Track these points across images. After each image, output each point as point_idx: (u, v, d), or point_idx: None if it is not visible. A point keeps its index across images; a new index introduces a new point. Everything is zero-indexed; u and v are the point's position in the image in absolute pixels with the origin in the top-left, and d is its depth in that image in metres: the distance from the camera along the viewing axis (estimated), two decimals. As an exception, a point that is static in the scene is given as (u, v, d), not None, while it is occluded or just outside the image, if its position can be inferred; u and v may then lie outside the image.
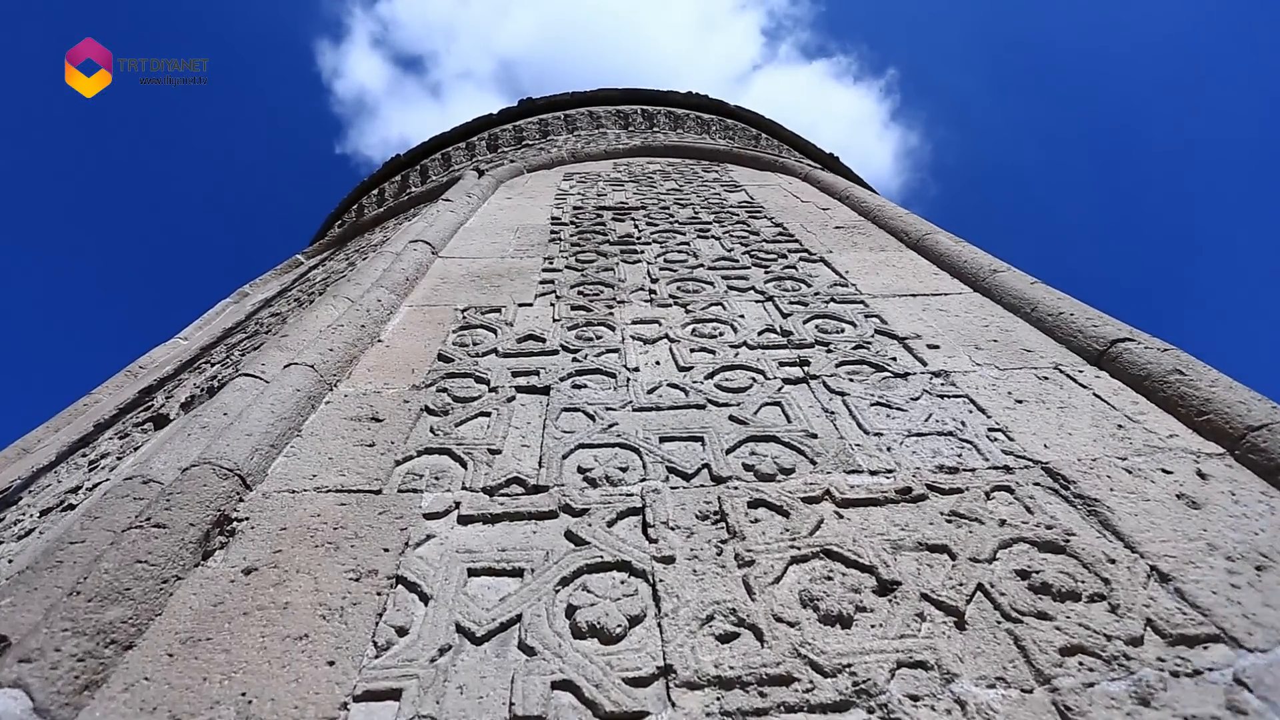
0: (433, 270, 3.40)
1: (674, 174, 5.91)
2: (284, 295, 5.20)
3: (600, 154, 6.60)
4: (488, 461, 1.85)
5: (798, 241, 3.87)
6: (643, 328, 2.72)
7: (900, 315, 2.81)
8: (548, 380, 2.28)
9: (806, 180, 5.51)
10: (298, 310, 3.98)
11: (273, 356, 2.28)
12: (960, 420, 2.05)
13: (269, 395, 2.00)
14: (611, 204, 4.77)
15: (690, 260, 3.55)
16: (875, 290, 3.09)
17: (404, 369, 2.40)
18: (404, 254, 3.37)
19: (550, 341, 2.58)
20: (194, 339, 5.40)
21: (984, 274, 3.06)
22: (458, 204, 4.48)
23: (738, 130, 8.59)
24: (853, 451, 1.89)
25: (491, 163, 7.08)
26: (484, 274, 3.37)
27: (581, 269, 3.42)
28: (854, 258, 3.55)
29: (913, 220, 3.93)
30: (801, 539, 1.55)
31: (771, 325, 2.71)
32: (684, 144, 6.85)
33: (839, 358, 2.43)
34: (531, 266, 3.47)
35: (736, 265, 3.46)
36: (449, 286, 3.19)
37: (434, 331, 2.71)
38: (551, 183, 5.57)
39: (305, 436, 1.97)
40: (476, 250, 3.74)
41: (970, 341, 2.56)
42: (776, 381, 2.28)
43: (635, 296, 3.06)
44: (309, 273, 5.81)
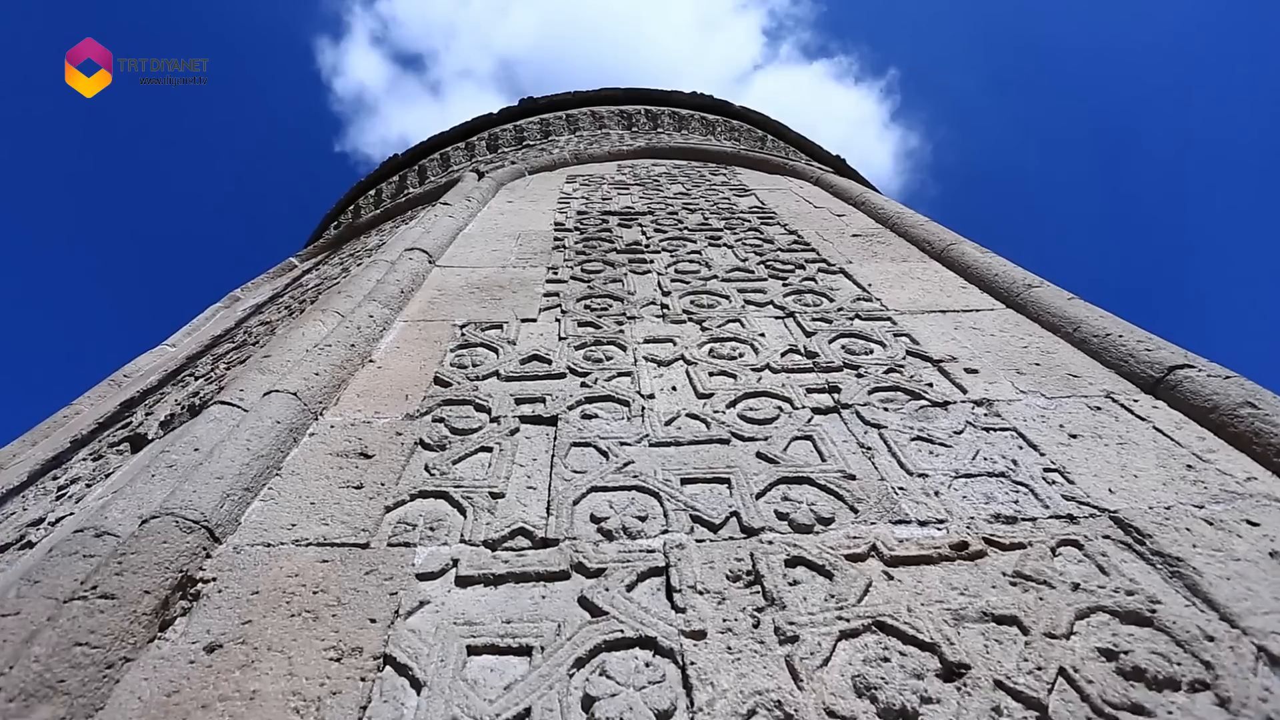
0: (429, 281, 3.19)
1: (680, 177, 5.70)
2: (275, 301, 4.99)
3: (604, 155, 6.39)
4: (489, 507, 1.65)
5: (814, 251, 3.67)
6: (656, 347, 2.52)
7: (932, 334, 2.61)
8: (555, 409, 2.08)
9: (818, 185, 5.31)
10: (287, 320, 3.77)
11: (252, 381, 2.08)
12: (1011, 459, 1.85)
13: (245, 429, 1.79)
14: (617, 209, 4.57)
15: (703, 271, 3.35)
16: (902, 306, 2.89)
17: (397, 394, 2.19)
18: (399, 263, 3.17)
19: (556, 363, 2.38)
20: (182, 346, 5.18)
21: (1018, 289, 2.86)
22: (456, 208, 4.27)
23: (743, 132, 8.38)
24: (897, 497, 1.69)
25: (491, 164, 6.87)
26: (484, 285, 3.16)
27: (588, 280, 3.21)
28: (875, 269, 3.34)
29: (935, 229, 3.73)
30: (850, 607, 1.34)
31: (795, 345, 2.51)
32: (690, 146, 6.65)
33: (871, 383, 2.23)
34: (535, 277, 3.26)
35: (752, 277, 3.26)
36: (447, 299, 2.98)
37: (430, 351, 2.50)
38: (554, 185, 5.37)
39: (285, 476, 1.76)
40: (476, 259, 3.53)
41: (1010, 365, 2.36)
42: (805, 411, 2.08)
43: (646, 311, 2.85)
44: (302, 277, 5.59)
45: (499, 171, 5.48)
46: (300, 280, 5.37)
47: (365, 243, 5.72)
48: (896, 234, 3.90)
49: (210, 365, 3.74)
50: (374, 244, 5.23)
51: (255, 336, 3.86)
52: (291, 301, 4.50)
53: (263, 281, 6.21)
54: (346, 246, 6.15)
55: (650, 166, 6.14)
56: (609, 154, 6.43)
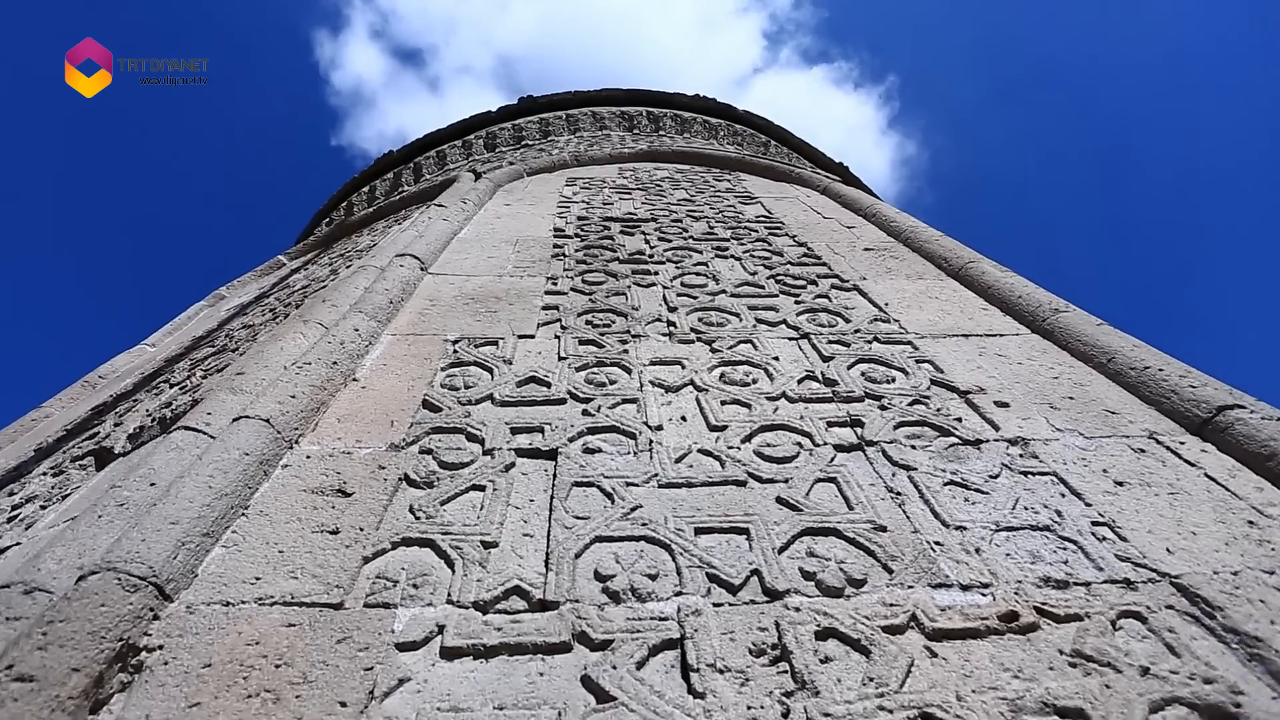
0: (421, 290, 2.99)
1: (683, 182, 5.53)
2: (261, 302, 4.78)
3: (605, 158, 6.21)
4: (480, 559, 1.46)
5: (826, 265, 3.50)
6: (664, 371, 2.34)
7: (956, 361, 2.45)
8: (554, 440, 1.90)
9: (826, 194, 5.15)
10: (270, 326, 3.57)
11: (222, 403, 1.88)
12: (1055, 509, 1.68)
13: (209, 462, 1.59)
14: (619, 215, 4.38)
15: (710, 285, 3.17)
16: (922, 328, 2.73)
17: (381, 419, 2.00)
18: (389, 270, 2.97)
19: (556, 386, 2.19)
20: (161, 346, 4.96)
21: (1044, 313, 2.70)
22: (451, 210, 4.08)
23: (746, 136, 8.22)
24: (934, 554, 1.51)
25: (489, 163, 6.67)
26: (479, 295, 2.97)
27: (589, 292, 3.03)
28: (891, 287, 3.18)
29: (951, 245, 3.57)
30: (891, 694, 1.17)
31: (812, 371, 2.34)
32: (693, 150, 6.48)
33: (896, 417, 2.06)
34: (533, 288, 3.08)
35: (762, 292, 3.08)
36: (439, 311, 2.79)
37: (419, 369, 2.31)
38: (553, 188, 5.18)
39: (252, 517, 1.57)
40: (471, 266, 3.34)
41: (1043, 398, 2.20)
42: (827, 449, 1.90)
43: (652, 329, 2.67)
44: (290, 277, 5.38)
45: (497, 172, 5.28)
46: (288, 280, 5.16)
47: (356, 242, 5.51)
48: (910, 249, 3.74)
49: (188, 371, 3.53)
50: (365, 244, 5.03)
51: (236, 341, 3.66)
52: (277, 304, 4.29)
53: (249, 279, 5.99)
54: (337, 245, 5.94)
55: (652, 170, 5.96)
56: (610, 156, 6.25)
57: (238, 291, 5.77)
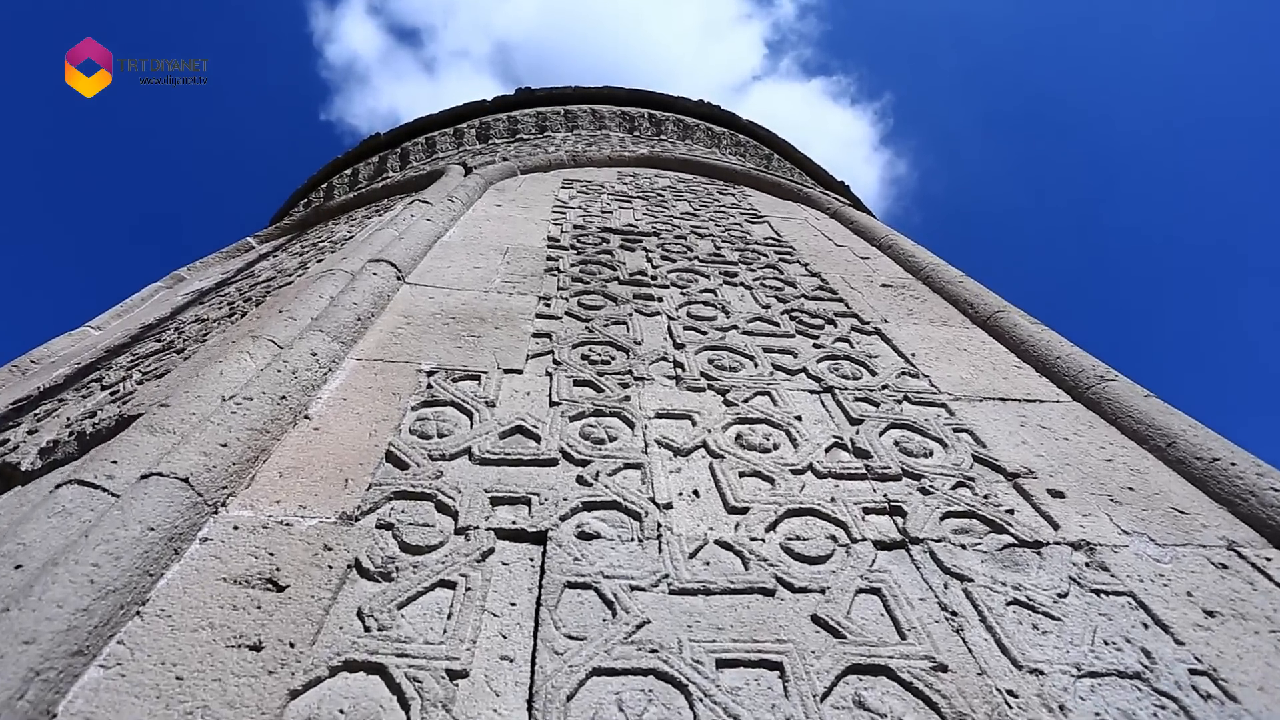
0: (396, 303, 2.62)
1: (686, 193, 5.21)
2: (221, 291, 4.34)
3: (604, 160, 5.85)
4: (445, 699, 1.12)
5: (843, 302, 3.21)
6: (672, 427, 2.01)
7: (997, 433, 2.16)
8: (543, 518, 1.56)
9: (836, 219, 4.87)
10: (225, 326, 3.16)
11: (133, 449, 1.50)
12: (1141, 646, 1.39)
13: (99, 541, 1.22)
14: (619, 226, 4.04)
15: (720, 318, 2.85)
16: (955, 388, 2.44)
17: (334, 476, 1.64)
18: (360, 279, 2.59)
19: (546, 441, 1.85)
20: (107, 330, 4.49)
21: (1087, 380, 2.43)
22: (437, 209, 3.70)
23: (749, 148, 7.92)
24: (1010, 713, 1.22)
25: (480, 156, 6.27)
26: (461, 314, 2.61)
27: (586, 319, 2.69)
28: (916, 333, 2.90)
29: (975, 289, 3.30)
30: None
31: (840, 437, 2.03)
32: (697, 159, 6.15)
33: (940, 505, 1.76)
34: (522, 308, 2.73)
35: (777, 331, 2.78)
36: (414, 332, 2.43)
37: (386, 408, 1.95)
38: (548, 190, 4.82)
39: (150, 618, 1.21)
40: (454, 277, 2.97)
41: (1100, 488, 1.92)
42: (866, 546, 1.60)
43: (656, 370, 2.34)
44: (257, 264, 4.94)
45: (488, 168, 4.90)
46: (254, 268, 4.72)
47: (333, 230, 5.08)
48: (931, 289, 3.47)
49: (125, 370, 3.11)
50: (341, 234, 4.62)
51: (184, 340, 3.24)
52: (237, 296, 3.87)
53: (213, 262, 5.52)
54: (312, 232, 5.50)
55: (653, 178, 5.62)
56: (609, 159, 5.89)
57: (199, 274, 5.30)
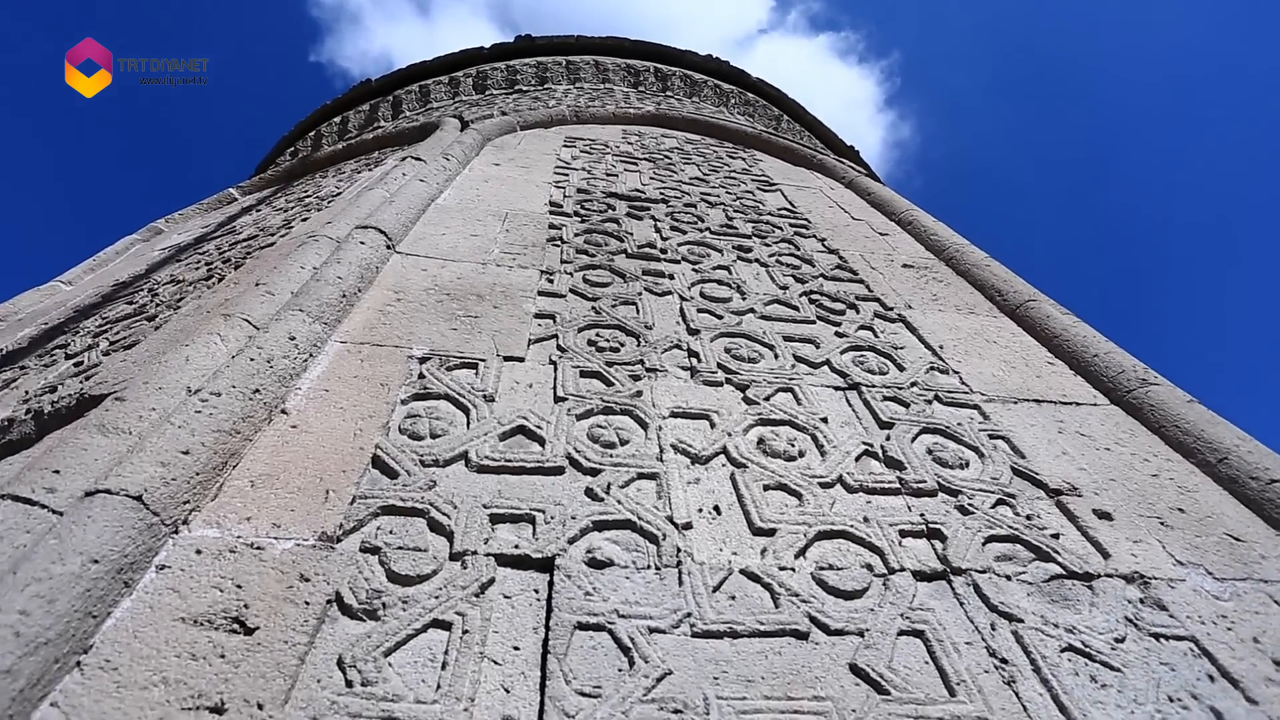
0: (385, 276, 2.39)
1: (695, 156, 4.91)
2: (200, 247, 4.05)
3: (607, 117, 5.50)
4: (437, 776, 0.96)
5: (864, 284, 3.00)
6: (689, 428, 1.83)
7: (1035, 440, 2.00)
8: (549, 540, 1.38)
9: (852, 189, 4.60)
10: (201, 291, 2.91)
11: (79, 455, 1.30)
12: (1210, 705, 1.25)
13: (29, 579, 1.03)
14: (625, 191, 3.77)
15: (735, 300, 2.64)
16: (987, 386, 2.27)
17: (313, 486, 1.45)
18: (346, 247, 2.35)
19: (552, 445, 1.66)
20: (79, 286, 4.21)
21: (1128, 382, 2.26)
22: (431, 168, 3.41)
23: (758, 107, 7.53)
24: (1078, 790, 1.08)
25: (477, 108, 5.90)
26: (457, 290, 2.38)
27: (593, 298, 2.47)
28: (942, 322, 2.70)
29: (1003, 274, 3.10)
30: None
31: (870, 444, 1.86)
32: (706, 119, 5.81)
33: (981, 527, 1.60)
34: (523, 283, 2.50)
35: (797, 316, 2.57)
36: (404, 310, 2.20)
37: (373, 401, 1.74)
38: (550, 148, 4.51)
39: (92, 671, 1.03)
40: (449, 246, 2.72)
41: (1149, 508, 1.77)
42: (905, 577, 1.44)
43: (670, 360, 2.14)
44: (239, 218, 4.63)
45: (486, 123, 4.57)
46: (235, 223, 4.42)
47: (320, 185, 4.77)
48: (955, 271, 3.26)
49: (93, 336, 2.87)
50: (329, 190, 4.32)
51: (158, 304, 2.99)
52: (215, 255, 3.60)
53: (193, 214, 5.19)
54: (298, 185, 5.17)
55: (660, 138, 5.30)
56: (613, 116, 5.54)
57: (178, 227, 4.98)
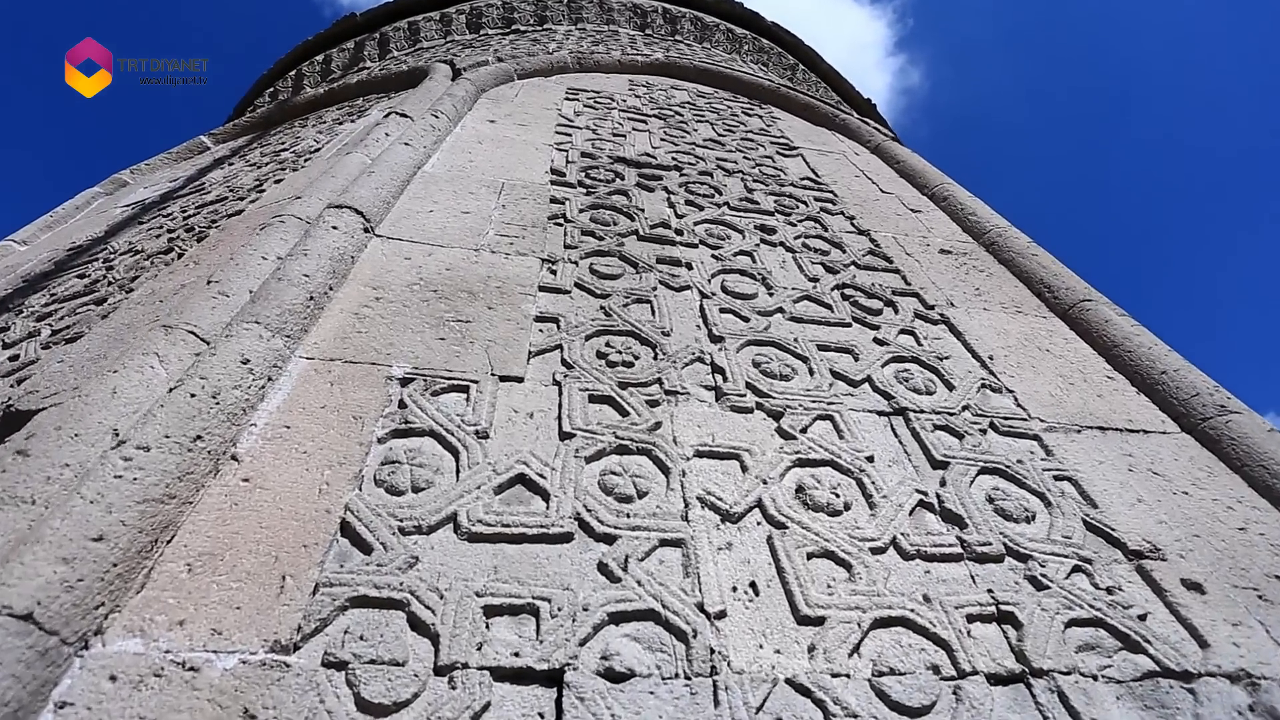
0: (361, 267, 2.04)
1: (708, 112, 4.45)
2: (164, 208, 3.64)
3: (613, 65, 4.99)
4: None
5: (900, 274, 2.67)
6: (716, 471, 1.54)
7: (1106, 482, 1.73)
8: (556, 642, 1.11)
9: (878, 154, 4.18)
10: (159, 266, 2.56)
11: (-41, 543, 1.01)
12: None
13: None
14: (634, 156, 3.37)
15: (761, 295, 2.32)
16: (1045, 409, 1.99)
17: (266, 568, 1.17)
18: (315, 234, 1.99)
19: (558, 500, 1.38)
20: (34, 246, 3.81)
21: (1203, 409, 1.98)
22: (418, 127, 2.99)
23: (773, 55, 6.94)
24: None
25: (471, 49, 5.35)
26: (446, 285, 2.04)
27: (602, 294, 2.14)
28: (989, 324, 2.40)
29: (1052, 266, 2.77)
30: None
31: (924, 493, 1.58)
32: (719, 69, 5.29)
33: (1059, 608, 1.35)
34: (522, 276, 2.16)
35: (831, 318, 2.26)
36: (384, 312, 1.87)
37: (342, 442, 1.44)
38: (551, 100, 4.05)
39: None
40: (438, 227, 2.36)
41: (1241, 574, 1.52)
42: (978, 682, 1.19)
43: (691, 377, 1.84)
44: (209, 172, 4.19)
45: (481, 71, 4.08)
46: (204, 179, 3.99)
47: (298, 135, 4.31)
48: (997, 259, 2.93)
49: (36, 320, 2.52)
50: (307, 144, 3.88)
51: (110, 284, 2.63)
52: (179, 220, 3.21)
53: (161, 165, 4.73)
54: (275, 134, 4.69)
55: (670, 90, 4.81)
56: (619, 64, 5.03)
57: (144, 179, 4.53)
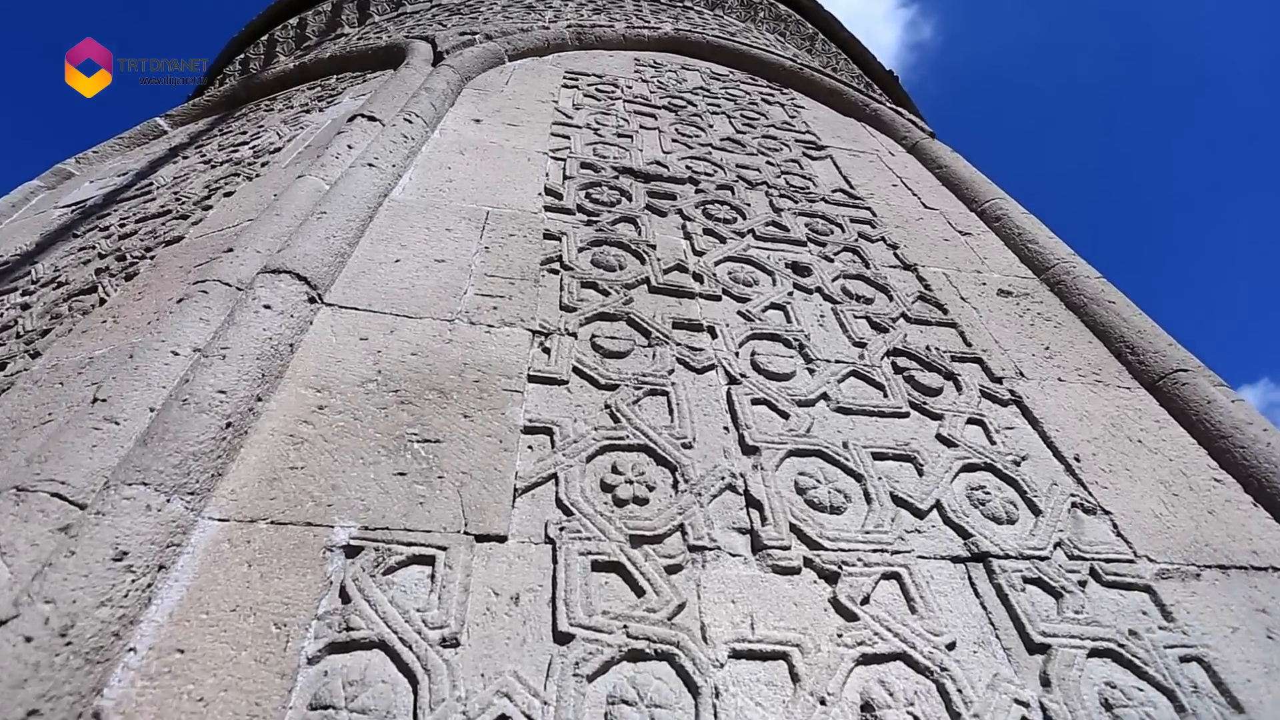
0: (304, 358, 1.58)
1: (724, 99, 3.87)
2: (103, 217, 3.12)
3: (616, 40, 4.36)
4: None
5: (956, 327, 2.22)
6: (758, 683, 1.13)
7: (1245, 664, 1.34)
8: None
9: (915, 155, 3.64)
10: (74, 320, 2.09)
11: None
12: None
13: None
14: (643, 166, 2.85)
15: (800, 375, 1.86)
16: (1151, 540, 1.58)
17: None
18: (241, 316, 1.52)
19: (548, 770, 0.98)
20: (-36, 256, 3.30)
21: (1347, 538, 1.58)
22: (387, 138, 2.47)
23: (790, 24, 6.22)
24: None
25: (459, 15, 4.70)
26: (411, 379, 1.59)
27: (608, 385, 1.68)
28: (1068, 404, 1.96)
29: (1134, 318, 2.31)
30: None
31: (1024, 703, 1.18)
32: (734, 45, 4.65)
33: None
34: (507, 359, 1.70)
35: (885, 406, 1.81)
36: (328, 430, 1.42)
37: (255, 669, 1.02)
38: (546, 89, 3.48)
39: None
40: (404, 284, 1.89)
41: None
42: None
43: (720, 519, 1.41)
44: (162, 164, 3.64)
45: (465, 55, 3.48)
46: (153, 177, 3.44)
47: (261, 123, 3.74)
48: (1065, 304, 2.46)
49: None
50: (268, 140, 3.33)
51: (25, 331, 2.17)
52: (113, 239, 2.70)
53: (111, 152, 4.15)
54: (237, 122, 4.10)
55: (681, 70, 4.21)
56: (623, 39, 4.40)
57: (91, 170, 3.97)
